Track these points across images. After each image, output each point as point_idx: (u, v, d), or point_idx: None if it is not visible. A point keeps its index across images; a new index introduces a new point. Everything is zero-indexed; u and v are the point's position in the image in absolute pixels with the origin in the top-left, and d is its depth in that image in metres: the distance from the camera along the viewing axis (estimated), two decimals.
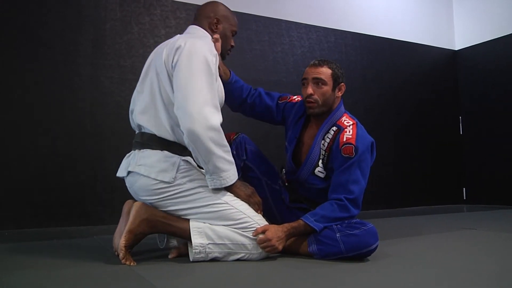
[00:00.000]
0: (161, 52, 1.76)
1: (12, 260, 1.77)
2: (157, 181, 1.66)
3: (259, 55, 3.72)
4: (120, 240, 1.64)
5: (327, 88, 1.89)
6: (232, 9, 3.56)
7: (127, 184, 1.80)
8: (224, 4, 2.01)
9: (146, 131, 1.76)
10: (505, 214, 3.63)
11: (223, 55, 1.97)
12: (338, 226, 1.71)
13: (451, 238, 2.33)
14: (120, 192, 2.96)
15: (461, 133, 4.84)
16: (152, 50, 3.21)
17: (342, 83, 1.94)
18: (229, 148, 1.69)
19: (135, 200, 1.75)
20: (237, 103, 2.11)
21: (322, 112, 1.91)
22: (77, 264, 1.66)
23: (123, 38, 3.18)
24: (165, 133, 1.72)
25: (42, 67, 2.91)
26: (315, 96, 1.88)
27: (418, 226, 2.86)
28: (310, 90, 1.88)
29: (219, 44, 1.89)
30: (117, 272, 1.53)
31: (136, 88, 1.86)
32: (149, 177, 1.66)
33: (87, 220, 2.93)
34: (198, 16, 1.95)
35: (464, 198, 4.76)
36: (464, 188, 4.78)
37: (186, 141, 1.63)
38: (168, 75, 1.70)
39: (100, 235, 2.45)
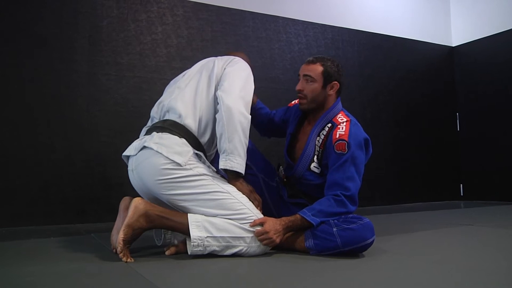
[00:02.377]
0: (213, 61, 1.98)
1: (9, 257, 1.77)
2: (169, 161, 1.69)
3: (256, 52, 3.72)
4: (118, 234, 1.64)
5: (316, 86, 1.93)
6: (229, 6, 3.62)
7: (130, 166, 1.82)
8: None
9: (171, 117, 1.84)
10: (501, 210, 3.65)
11: None
12: (335, 220, 1.72)
13: (448, 234, 2.34)
14: (117, 190, 2.97)
15: (458, 129, 4.85)
16: (149, 47, 3.27)
17: (335, 81, 1.95)
18: (248, 142, 1.78)
19: (132, 197, 1.76)
20: (261, 129, 2.32)
21: (312, 108, 1.96)
22: (74, 262, 1.66)
23: (119, 35, 3.18)
24: (192, 119, 1.81)
25: (38, 65, 2.90)
26: (305, 92, 1.94)
27: (415, 222, 2.87)
28: (299, 86, 1.96)
29: None
30: (114, 269, 1.54)
31: (178, 84, 1.96)
32: (162, 154, 1.70)
33: (84, 218, 2.93)
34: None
35: (461, 194, 4.78)
36: (461, 185, 4.80)
37: (219, 116, 1.75)
38: (217, 77, 1.89)
39: (97, 233, 2.45)
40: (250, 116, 1.78)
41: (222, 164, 1.73)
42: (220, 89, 1.81)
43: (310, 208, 1.77)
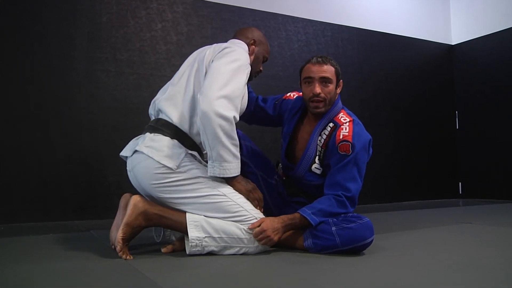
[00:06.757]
0: (206, 50, 1.87)
1: (8, 254, 1.77)
2: (160, 165, 1.67)
3: None
4: (118, 233, 1.65)
5: (332, 86, 1.89)
6: (229, 4, 3.60)
7: (128, 167, 1.81)
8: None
9: (164, 117, 1.80)
10: (500, 208, 3.65)
11: (250, 76, 1.98)
12: (334, 220, 1.71)
13: (447, 232, 2.34)
14: (116, 187, 2.97)
15: (457, 127, 4.86)
16: (149, 44, 3.26)
17: (341, 80, 1.96)
18: (237, 142, 1.70)
19: (132, 194, 1.76)
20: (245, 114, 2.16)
21: (326, 111, 1.91)
22: (73, 258, 1.66)
23: (119, 32, 3.17)
24: (183, 121, 1.77)
25: (37, 62, 2.89)
26: (323, 95, 1.87)
27: (414, 220, 2.87)
28: (318, 89, 1.86)
29: (252, 57, 2.03)
30: (113, 266, 1.54)
31: (171, 81, 1.93)
32: (153, 159, 1.68)
33: (83, 215, 2.92)
34: (238, 37, 2.07)
35: (460, 192, 4.79)
36: (460, 183, 4.80)
37: (198, 122, 1.67)
38: (206, 70, 1.79)
39: (97, 230, 2.45)
40: (233, 115, 1.65)
41: (209, 171, 1.69)
42: (200, 90, 1.70)
43: (310, 207, 1.76)
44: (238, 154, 1.71)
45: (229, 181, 1.74)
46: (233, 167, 1.70)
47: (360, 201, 1.85)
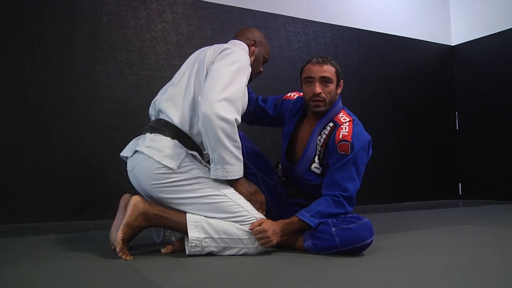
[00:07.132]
0: (206, 51, 1.87)
1: (8, 255, 1.77)
2: (161, 166, 1.67)
3: None
4: (117, 233, 1.65)
5: (332, 86, 1.90)
6: (228, 4, 3.60)
7: (128, 167, 1.82)
8: None
9: (164, 117, 1.80)
10: (500, 209, 3.65)
11: (250, 77, 1.97)
12: (334, 220, 1.72)
13: (447, 233, 2.34)
14: (116, 187, 2.97)
15: (457, 128, 4.86)
16: (149, 45, 3.26)
17: (341, 80, 1.96)
18: (239, 145, 1.70)
19: (132, 194, 1.76)
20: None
21: (327, 111, 1.91)
22: (73, 259, 1.66)
23: (119, 32, 3.17)
24: (183, 122, 1.77)
25: (37, 61, 2.89)
26: (323, 95, 1.88)
27: (413, 221, 2.87)
28: (318, 89, 1.87)
29: (252, 58, 2.02)
30: (113, 266, 1.54)
31: (172, 81, 1.93)
32: (154, 159, 1.68)
33: (83, 215, 2.92)
34: (238, 37, 2.07)
35: (460, 193, 4.79)
36: (460, 184, 4.80)
37: (200, 125, 1.66)
38: (207, 71, 1.79)
39: (97, 230, 2.45)
40: (234, 117, 1.65)
41: (212, 174, 1.69)
42: (201, 93, 1.71)
43: (308, 209, 1.76)
44: (241, 156, 1.71)
45: (231, 183, 1.74)
46: (236, 170, 1.70)
47: (360, 201, 1.85)
